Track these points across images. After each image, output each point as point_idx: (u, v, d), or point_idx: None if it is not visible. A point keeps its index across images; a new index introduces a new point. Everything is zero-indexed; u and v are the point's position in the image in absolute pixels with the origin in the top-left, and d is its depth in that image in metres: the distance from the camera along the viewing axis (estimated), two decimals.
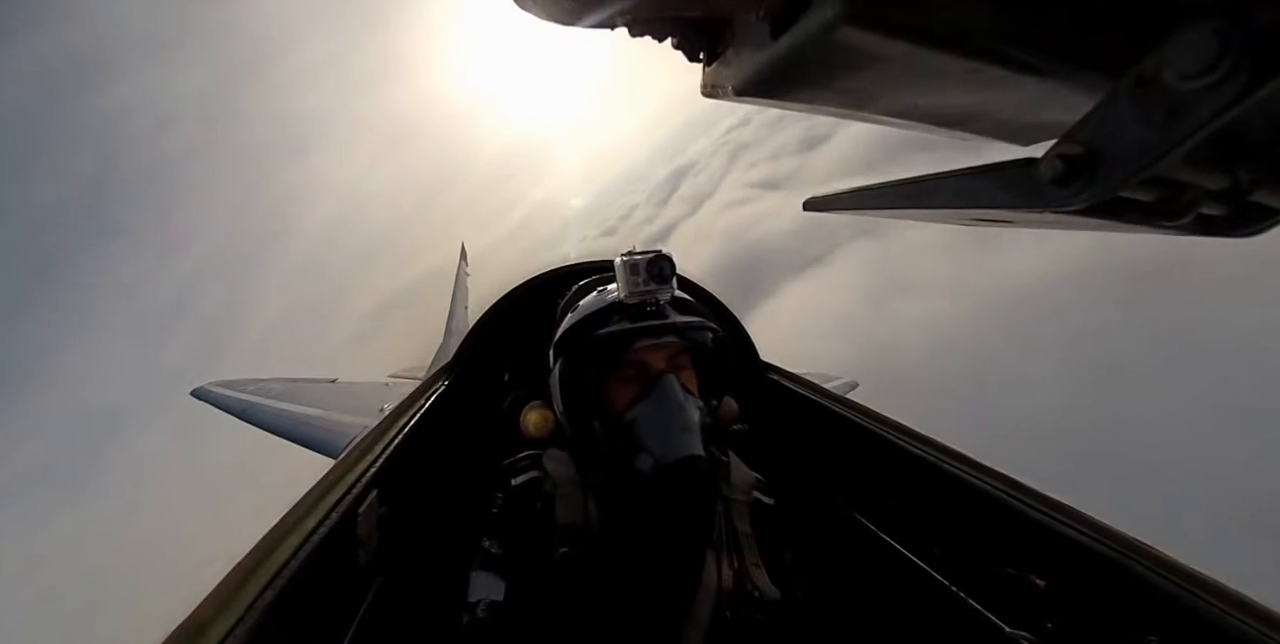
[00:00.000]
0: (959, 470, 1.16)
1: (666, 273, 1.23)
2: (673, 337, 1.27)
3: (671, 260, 1.24)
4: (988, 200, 0.35)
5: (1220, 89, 0.23)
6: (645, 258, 1.23)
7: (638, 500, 1.20)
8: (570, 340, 1.33)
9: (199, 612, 0.68)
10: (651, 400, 1.21)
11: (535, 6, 0.38)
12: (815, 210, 0.51)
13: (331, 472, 1.08)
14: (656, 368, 1.26)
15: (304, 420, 6.47)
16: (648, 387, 1.24)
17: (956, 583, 1.11)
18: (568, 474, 1.27)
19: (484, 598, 1.15)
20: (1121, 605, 0.85)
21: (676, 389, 1.21)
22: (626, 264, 1.23)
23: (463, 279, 11.75)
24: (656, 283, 1.23)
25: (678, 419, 1.17)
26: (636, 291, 1.23)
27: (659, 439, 1.16)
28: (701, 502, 1.24)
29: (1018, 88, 0.35)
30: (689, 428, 1.17)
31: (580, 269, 1.94)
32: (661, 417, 1.19)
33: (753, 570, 1.22)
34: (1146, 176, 0.28)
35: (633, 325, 1.24)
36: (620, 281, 1.25)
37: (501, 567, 1.20)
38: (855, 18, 0.30)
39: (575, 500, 1.24)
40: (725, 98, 0.44)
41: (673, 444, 1.15)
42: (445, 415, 1.67)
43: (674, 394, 1.20)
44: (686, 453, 1.14)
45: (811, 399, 1.68)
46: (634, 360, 1.27)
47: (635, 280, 1.23)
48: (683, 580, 1.15)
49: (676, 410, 1.18)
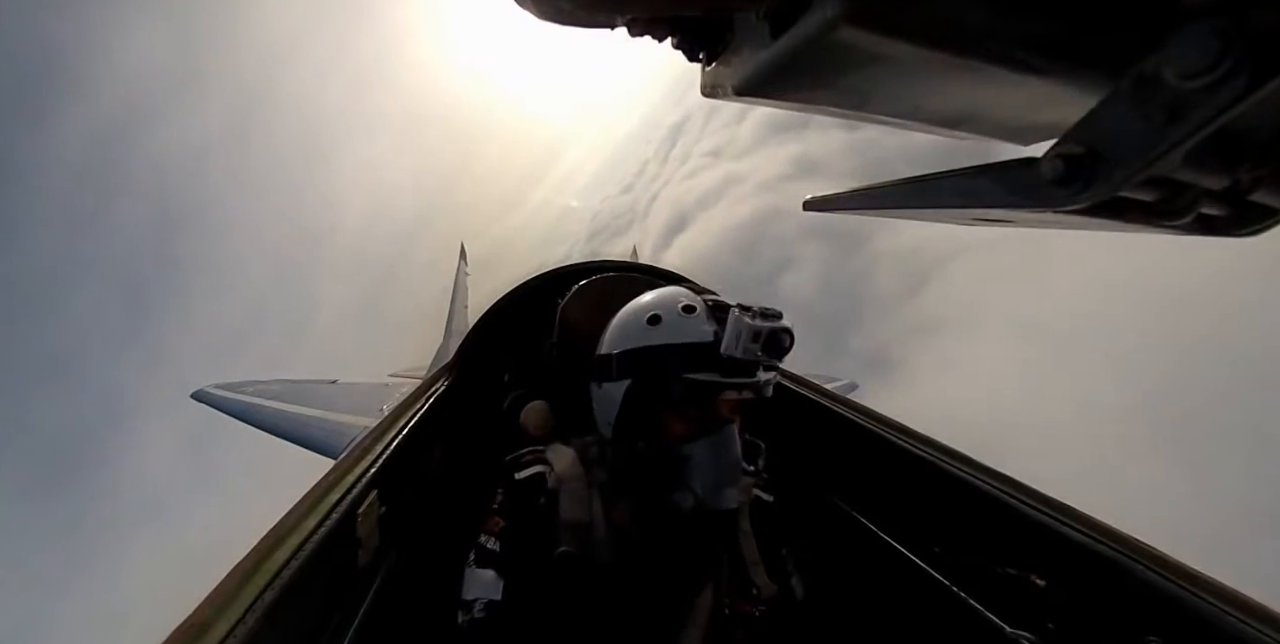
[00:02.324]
0: (959, 470, 1.16)
1: (785, 347, 1.14)
2: (750, 393, 1.21)
3: (792, 335, 1.14)
4: (988, 200, 0.35)
5: (1220, 89, 0.23)
6: (768, 327, 1.12)
7: (664, 530, 1.19)
8: (650, 365, 1.23)
9: (199, 612, 0.68)
10: (710, 447, 1.17)
11: (534, 6, 0.38)
12: (815, 210, 0.51)
13: (331, 472, 1.08)
14: (722, 414, 1.20)
15: (304, 421, 6.48)
16: (707, 427, 1.19)
17: (957, 583, 1.11)
18: (573, 470, 1.26)
19: (481, 597, 1.14)
20: (1121, 605, 0.85)
21: (735, 442, 1.18)
22: (748, 328, 1.12)
23: (462, 279, 11.75)
24: (769, 355, 1.13)
25: (729, 475, 1.16)
26: (747, 360, 1.13)
27: (706, 487, 1.15)
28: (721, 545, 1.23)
29: (1018, 88, 0.35)
30: (735, 481, 1.17)
31: (580, 269, 1.95)
32: (715, 467, 1.16)
33: (751, 568, 1.22)
34: (1147, 176, 0.28)
35: (724, 380, 1.16)
36: (730, 337, 1.13)
37: (500, 565, 1.19)
38: (855, 18, 0.30)
39: (581, 497, 1.23)
40: (725, 98, 0.44)
41: (718, 496, 1.15)
42: (445, 415, 1.67)
43: (733, 448, 1.17)
44: (728, 507, 1.15)
45: (811, 399, 1.68)
46: (712, 402, 1.21)
47: (751, 348, 1.12)
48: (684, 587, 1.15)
49: (731, 466, 1.16)
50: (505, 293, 2.00)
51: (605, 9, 0.38)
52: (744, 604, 1.19)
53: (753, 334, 1.12)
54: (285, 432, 6.44)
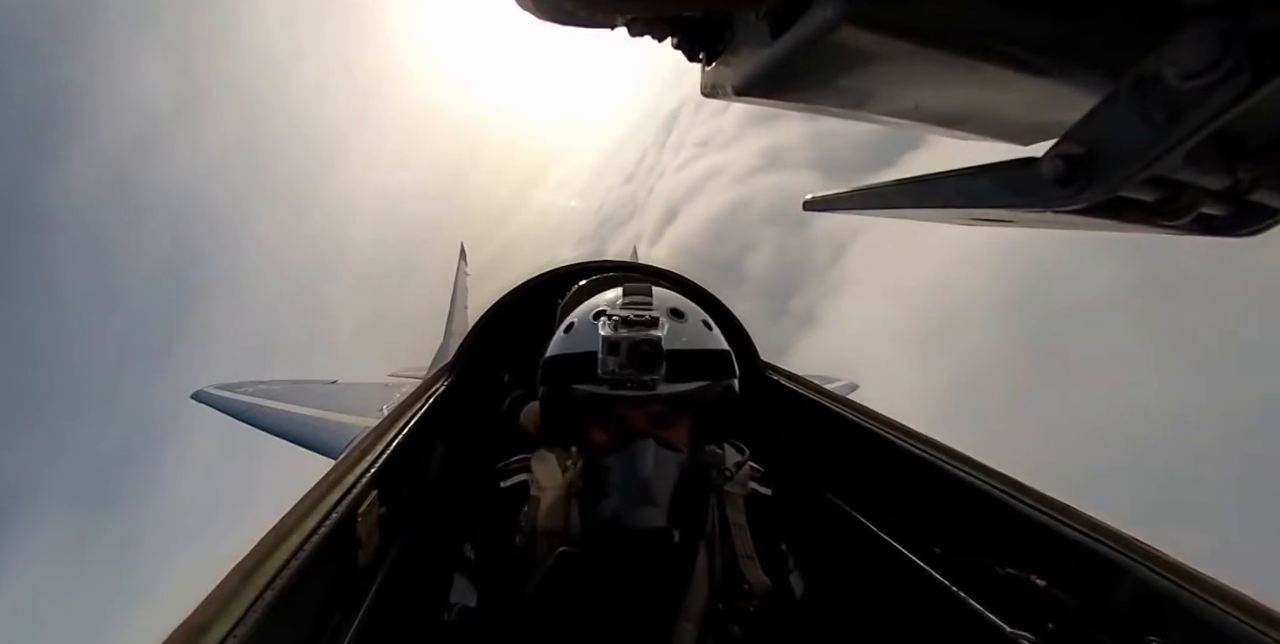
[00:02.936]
0: (959, 470, 1.16)
1: (652, 364, 1.05)
2: (658, 405, 1.15)
3: (656, 346, 1.05)
4: (988, 200, 0.35)
5: (1220, 89, 0.23)
6: (628, 339, 1.05)
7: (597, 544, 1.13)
8: (549, 376, 1.21)
9: (199, 612, 0.68)
10: (620, 463, 1.12)
11: (534, 6, 0.38)
12: (814, 210, 0.51)
13: (331, 472, 1.08)
14: (636, 427, 1.15)
15: (304, 421, 6.48)
16: (622, 444, 1.14)
17: (957, 583, 1.10)
18: (553, 477, 1.23)
19: (457, 603, 1.16)
20: (1121, 605, 0.85)
21: (647, 459, 1.10)
22: (608, 340, 1.06)
23: (462, 279, 11.74)
24: (639, 372, 1.06)
25: (640, 493, 1.08)
26: (613, 375, 1.07)
27: (622, 500, 1.09)
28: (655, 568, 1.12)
29: (1018, 88, 0.35)
30: (651, 500, 1.08)
31: (580, 269, 1.95)
32: (625, 484, 1.10)
33: (743, 562, 1.20)
34: (1147, 176, 0.28)
35: (610, 393, 1.10)
36: (599, 354, 1.08)
37: (475, 573, 1.20)
38: (855, 18, 0.30)
39: (558, 504, 1.21)
40: (725, 97, 0.44)
41: (629, 514, 1.07)
42: (445, 415, 1.67)
43: (642, 465, 1.09)
44: (646, 527, 1.06)
45: (811, 399, 1.68)
46: (615, 414, 1.17)
47: (615, 361, 1.06)
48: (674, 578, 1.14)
49: (641, 484, 1.08)
50: (505, 293, 2.00)
51: (605, 9, 0.38)
52: (737, 599, 1.17)
53: (609, 347, 1.06)
54: (285, 432, 6.44)
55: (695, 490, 1.18)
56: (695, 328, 1.21)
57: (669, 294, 1.30)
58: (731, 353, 1.25)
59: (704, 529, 1.22)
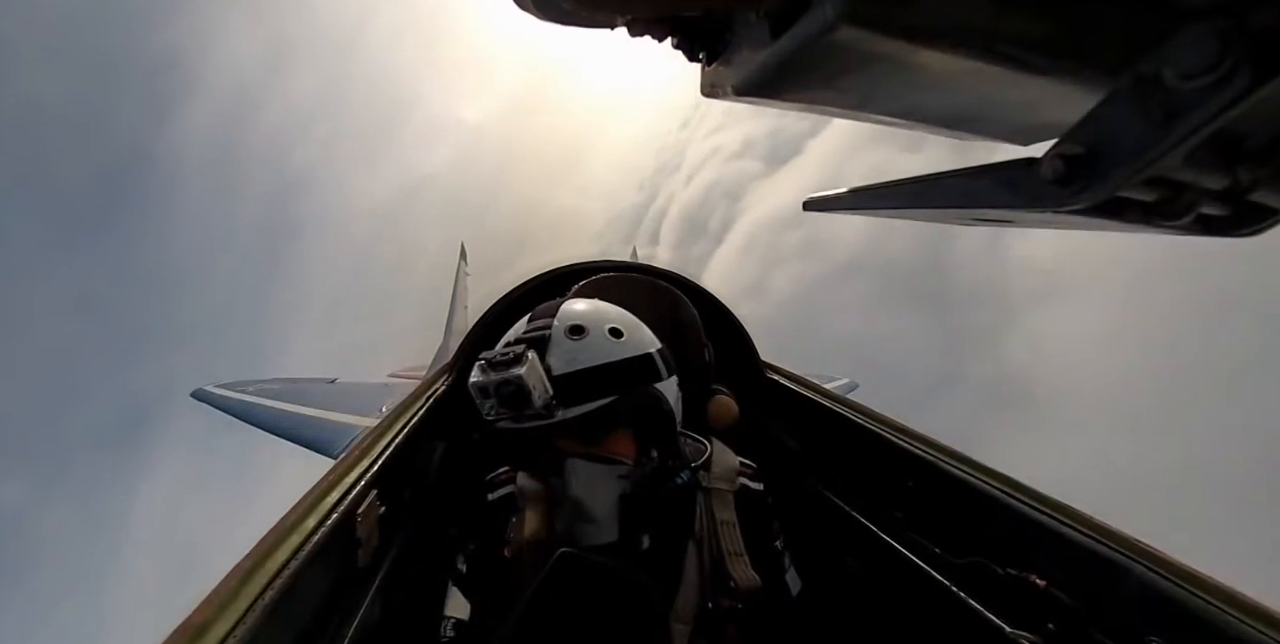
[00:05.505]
0: (959, 470, 1.16)
1: (519, 400, 1.05)
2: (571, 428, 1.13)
3: (521, 385, 1.04)
4: (988, 200, 0.35)
5: (1220, 89, 0.23)
6: (493, 379, 1.05)
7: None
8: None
9: (199, 612, 0.68)
10: (560, 485, 1.13)
11: (535, 6, 0.38)
12: (814, 210, 0.51)
13: (331, 472, 1.08)
14: (565, 448, 1.16)
15: (304, 421, 6.48)
16: (555, 466, 1.15)
17: (956, 583, 1.10)
18: (535, 488, 1.23)
19: (452, 616, 1.17)
20: (1122, 605, 0.85)
21: (578, 480, 1.11)
22: (475, 387, 1.07)
23: (462, 279, 11.74)
24: (512, 409, 1.06)
25: (580, 511, 1.10)
26: (496, 417, 1.08)
27: (565, 523, 1.12)
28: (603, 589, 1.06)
29: (1018, 88, 0.35)
30: (591, 518, 1.09)
31: (580, 269, 1.94)
32: (562, 503, 1.12)
33: (731, 559, 1.19)
34: (1147, 176, 0.28)
35: (515, 426, 1.10)
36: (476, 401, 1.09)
37: (468, 586, 1.20)
38: (855, 18, 0.30)
39: (541, 515, 1.20)
40: (725, 97, 0.44)
41: (576, 533, 1.09)
42: (445, 415, 1.67)
43: (575, 487, 1.11)
44: (591, 544, 1.07)
45: (811, 399, 1.68)
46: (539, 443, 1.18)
47: (488, 405, 1.07)
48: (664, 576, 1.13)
49: (576, 504, 1.10)
50: (505, 292, 1.99)
51: (605, 9, 0.38)
52: (725, 598, 1.16)
53: (479, 391, 1.07)
54: (285, 432, 6.44)
55: (658, 497, 1.16)
56: (596, 343, 1.16)
57: (584, 307, 1.25)
58: (653, 355, 1.20)
59: (690, 530, 1.21)
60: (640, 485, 1.14)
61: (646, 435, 1.22)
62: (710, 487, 1.28)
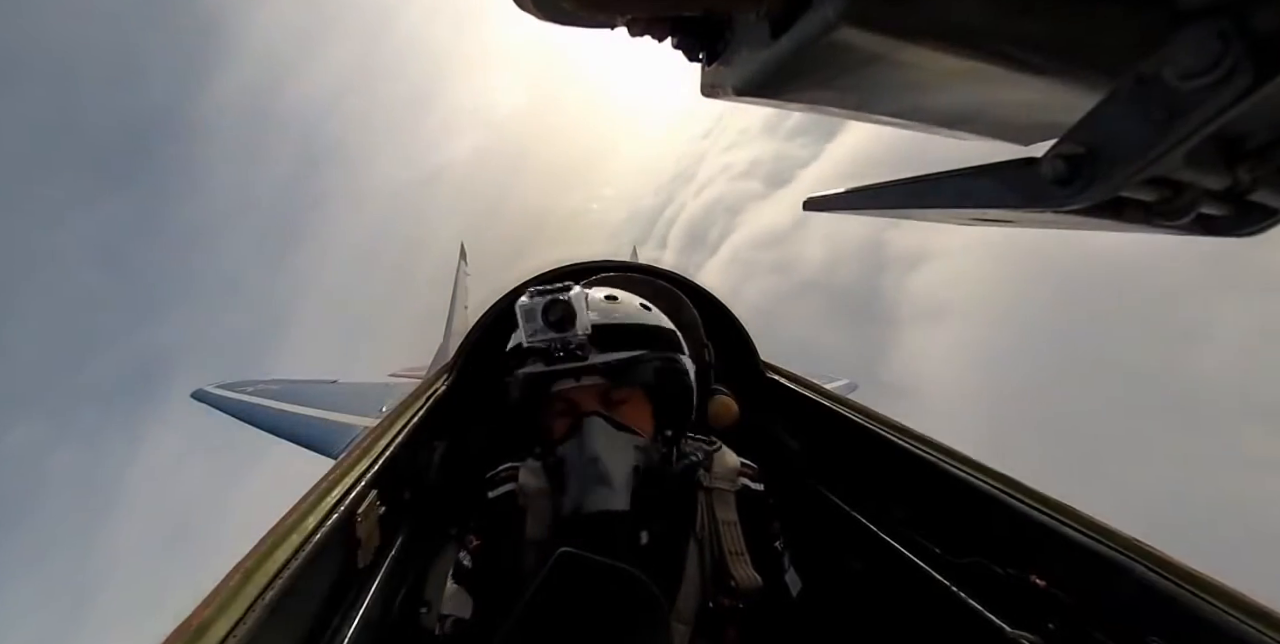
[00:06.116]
0: (959, 470, 1.16)
1: (568, 317, 1.10)
2: (596, 377, 1.17)
3: (569, 305, 1.11)
4: (988, 200, 0.35)
5: (1220, 89, 0.23)
6: (541, 301, 1.12)
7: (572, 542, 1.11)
8: (503, 373, 1.24)
9: (199, 612, 0.68)
10: (575, 445, 1.12)
11: (535, 7, 0.38)
12: (815, 210, 0.51)
13: (331, 472, 1.08)
14: (585, 407, 1.17)
15: (304, 421, 6.48)
16: (573, 428, 1.15)
17: (957, 583, 1.10)
18: (538, 486, 1.23)
19: (452, 613, 1.15)
20: (1122, 605, 0.85)
21: (597, 438, 1.11)
22: (522, 309, 1.13)
23: (462, 279, 11.74)
24: (557, 330, 1.11)
25: (594, 471, 1.07)
26: (538, 340, 1.13)
27: (577, 488, 1.09)
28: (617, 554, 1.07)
29: (1018, 88, 0.35)
30: (607, 479, 1.06)
31: (580, 269, 1.94)
32: (578, 466, 1.10)
33: (731, 559, 1.19)
34: (1147, 176, 0.28)
35: (546, 368, 1.14)
36: (520, 325, 1.15)
37: (472, 583, 1.19)
38: (855, 18, 0.30)
39: (543, 513, 1.20)
40: (725, 97, 0.44)
41: (586, 497, 1.06)
42: (445, 415, 1.67)
43: (592, 442, 1.10)
44: (601, 509, 1.04)
45: (811, 399, 1.68)
46: (563, 397, 1.19)
47: (534, 327, 1.12)
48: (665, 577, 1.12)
49: (591, 462, 1.08)
50: (506, 292, 1.99)
51: (605, 9, 0.38)
52: (725, 598, 1.15)
53: (525, 313, 1.13)
54: (285, 432, 6.45)
55: (667, 480, 1.18)
56: (629, 307, 1.26)
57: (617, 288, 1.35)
58: (676, 332, 1.27)
59: (693, 527, 1.21)
60: (653, 461, 1.15)
61: (663, 411, 1.25)
62: (712, 486, 1.28)
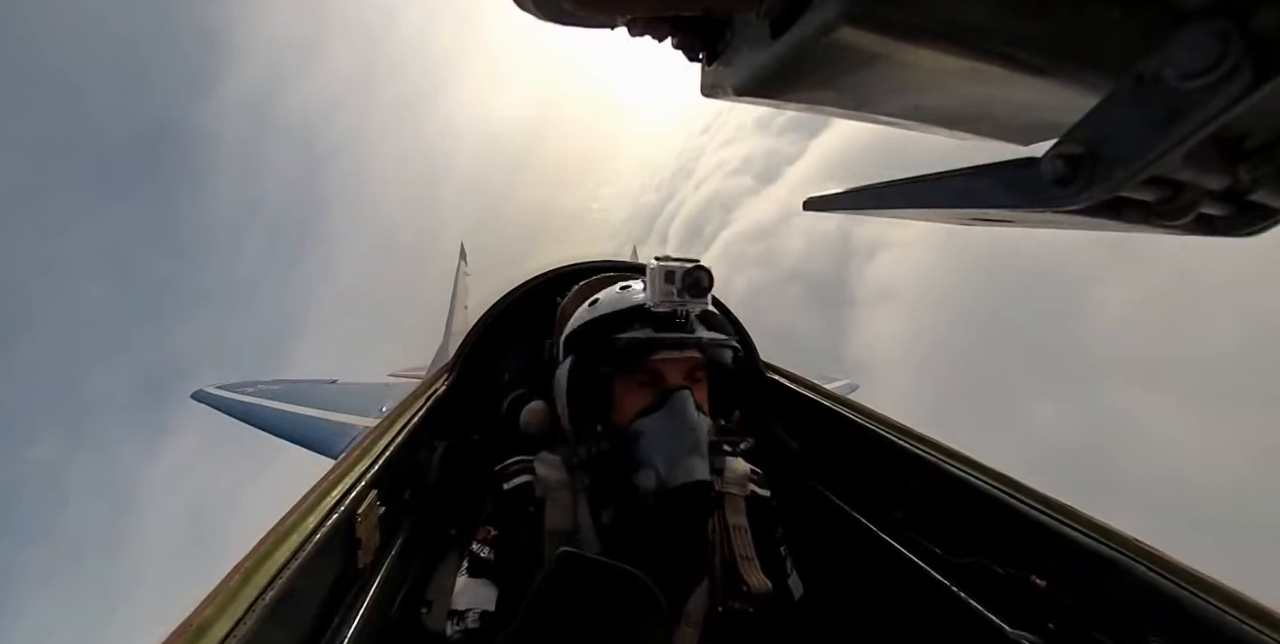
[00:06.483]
0: (959, 470, 1.16)
1: (704, 286, 1.14)
2: (696, 351, 1.20)
3: (710, 273, 1.15)
4: (988, 200, 0.35)
5: (1221, 89, 0.23)
6: (682, 267, 1.14)
7: (636, 517, 1.14)
8: (586, 338, 1.24)
9: (199, 612, 0.68)
10: (664, 416, 1.13)
11: (535, 7, 0.38)
12: (814, 210, 0.51)
13: (331, 472, 1.08)
14: (673, 381, 1.18)
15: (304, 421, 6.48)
16: (661, 399, 1.15)
17: (957, 583, 1.10)
18: (559, 478, 1.24)
19: (474, 607, 1.12)
20: (1122, 605, 0.85)
21: (691, 407, 1.13)
22: (661, 270, 1.14)
23: (462, 279, 11.72)
24: (691, 295, 1.13)
25: (689, 440, 1.10)
26: (667, 301, 1.14)
27: (666, 458, 1.09)
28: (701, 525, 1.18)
29: (1018, 88, 0.35)
30: (698, 450, 1.10)
31: (581, 269, 1.94)
32: (672, 435, 1.11)
33: (743, 564, 1.20)
34: (1147, 176, 0.28)
35: (657, 334, 1.16)
36: (651, 287, 1.15)
37: (495, 574, 1.17)
38: (855, 18, 0.30)
39: (566, 505, 1.21)
40: (725, 97, 0.44)
41: (680, 466, 1.07)
42: (445, 415, 1.67)
43: (689, 413, 1.12)
44: (694, 478, 1.07)
45: (812, 399, 1.68)
46: (651, 369, 1.19)
47: (669, 289, 1.13)
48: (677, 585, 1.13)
49: (689, 431, 1.11)
50: (505, 293, 1.99)
51: (605, 9, 0.38)
52: (736, 602, 1.16)
53: (665, 275, 1.13)
54: (285, 432, 6.44)
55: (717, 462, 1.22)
56: None
57: None
58: None
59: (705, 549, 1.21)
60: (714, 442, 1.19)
61: (718, 402, 1.30)
62: (724, 491, 1.29)
